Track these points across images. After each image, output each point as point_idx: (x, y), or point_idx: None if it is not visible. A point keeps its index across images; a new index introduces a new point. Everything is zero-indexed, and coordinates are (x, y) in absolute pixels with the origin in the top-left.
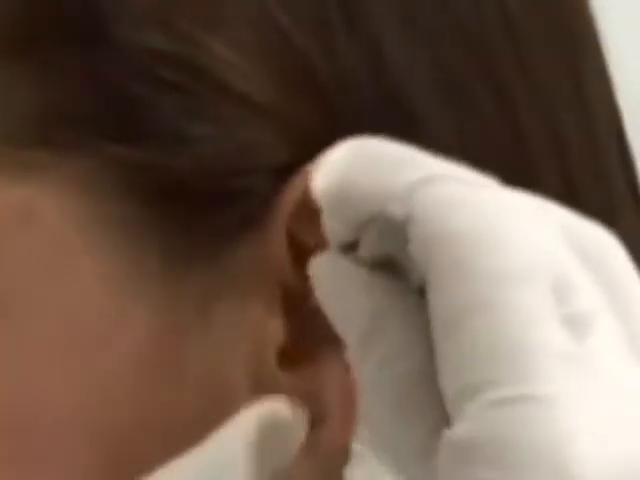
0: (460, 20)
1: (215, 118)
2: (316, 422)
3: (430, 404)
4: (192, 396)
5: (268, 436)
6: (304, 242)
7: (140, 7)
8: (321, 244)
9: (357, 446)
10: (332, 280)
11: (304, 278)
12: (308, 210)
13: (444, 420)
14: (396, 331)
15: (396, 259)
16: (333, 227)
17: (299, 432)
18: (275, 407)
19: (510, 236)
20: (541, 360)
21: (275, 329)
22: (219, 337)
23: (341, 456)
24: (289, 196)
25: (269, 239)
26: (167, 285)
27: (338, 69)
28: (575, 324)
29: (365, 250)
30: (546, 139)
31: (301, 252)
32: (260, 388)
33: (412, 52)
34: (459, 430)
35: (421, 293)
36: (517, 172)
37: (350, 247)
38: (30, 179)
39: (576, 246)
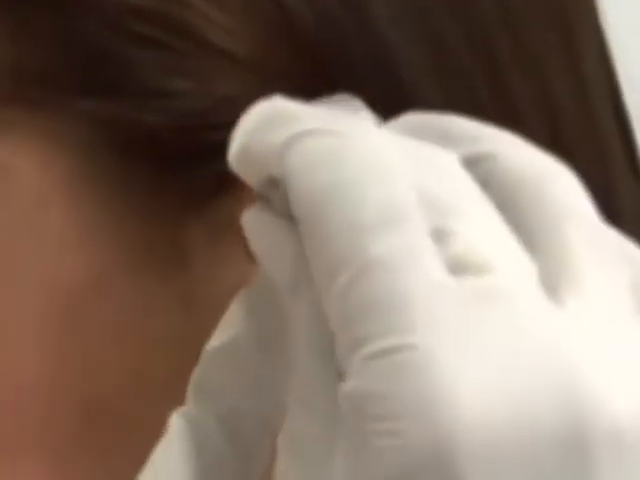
0: None
1: (193, 73)
2: None
3: None
4: (163, 356)
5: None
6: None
7: None
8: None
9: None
10: (257, 232)
11: None
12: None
13: None
14: None
15: None
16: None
17: None
18: None
19: (369, 186)
20: (416, 307)
21: None
22: (197, 294)
23: None
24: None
25: (250, 195)
26: (144, 241)
27: (325, 27)
28: (464, 265)
29: (277, 205)
30: (537, 106)
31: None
32: None
33: (400, 14)
34: (348, 384)
35: None
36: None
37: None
38: (4, 137)
39: (492, 182)
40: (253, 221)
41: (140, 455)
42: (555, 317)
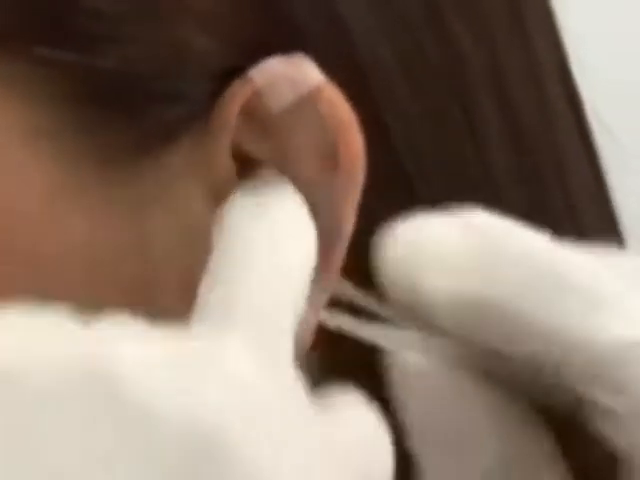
0: None
1: (149, 19)
2: None
3: None
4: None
5: None
6: (249, 152)
7: None
8: (269, 156)
9: None
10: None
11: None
12: (254, 116)
13: None
14: None
15: None
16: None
17: None
18: None
19: None
20: None
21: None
22: (156, 246)
23: None
24: (230, 103)
25: (210, 146)
26: (104, 191)
27: None
28: None
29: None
30: (484, 63)
31: (246, 162)
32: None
33: None
34: None
35: None
36: (455, 96)
37: None
38: None
39: None
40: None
41: None
42: None
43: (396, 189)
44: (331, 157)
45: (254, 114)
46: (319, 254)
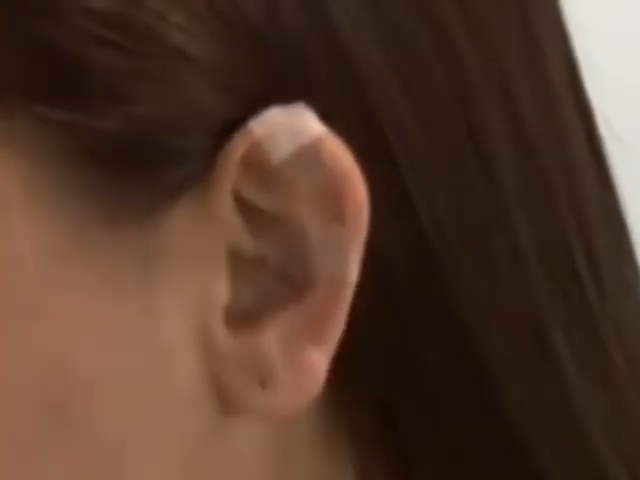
0: None
1: (153, 78)
2: (265, 387)
3: None
4: (129, 360)
5: None
6: (254, 202)
7: None
8: (273, 208)
9: None
10: None
11: (255, 236)
12: (256, 169)
13: None
14: None
15: None
16: None
17: None
18: None
19: None
20: None
21: (220, 290)
22: (160, 303)
23: (293, 422)
24: (231, 155)
25: (212, 199)
26: (107, 250)
27: (283, 32)
28: None
29: None
30: (494, 91)
31: (251, 212)
32: (205, 352)
33: (358, 15)
34: None
35: None
36: (466, 128)
37: None
38: None
39: None
40: None
41: None
42: None
43: (404, 224)
44: (336, 208)
45: (255, 165)
46: (324, 301)
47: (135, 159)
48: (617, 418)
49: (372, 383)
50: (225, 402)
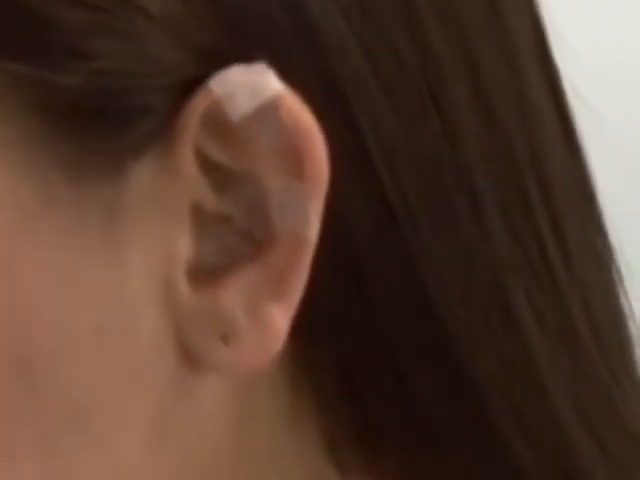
0: None
1: (115, 34)
2: (227, 342)
3: None
4: (94, 313)
5: None
6: (216, 159)
7: None
8: (235, 165)
9: None
10: None
11: (217, 193)
12: (217, 127)
13: None
14: None
15: None
16: None
17: None
18: None
19: None
20: None
21: (182, 245)
22: (124, 257)
23: (255, 378)
24: (192, 112)
25: (174, 156)
26: (72, 205)
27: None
28: None
29: None
30: (458, 59)
31: (214, 170)
32: (168, 307)
33: None
34: None
35: None
36: (429, 96)
37: None
38: None
39: None
40: None
41: None
42: None
43: (367, 188)
44: (295, 165)
45: (216, 123)
46: (285, 258)
47: (98, 115)
48: (581, 385)
49: (336, 347)
50: (189, 358)
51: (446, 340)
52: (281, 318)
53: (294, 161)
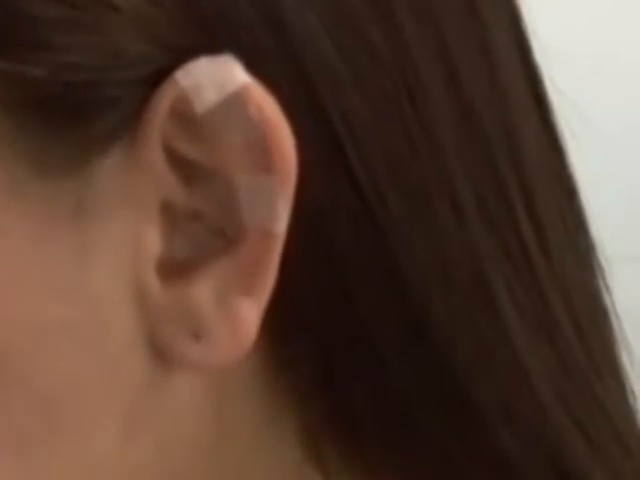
0: None
1: (80, 26)
2: (199, 339)
3: None
4: (63, 309)
5: None
6: (185, 154)
7: None
8: (202, 158)
9: None
10: None
11: (187, 188)
12: (184, 120)
13: None
14: None
15: None
16: None
17: None
18: None
19: None
20: None
21: (152, 241)
22: (93, 252)
23: (230, 374)
24: (158, 106)
25: (142, 150)
26: (40, 199)
27: None
28: None
29: None
30: (431, 52)
31: (183, 164)
32: (138, 303)
33: None
34: None
35: None
36: (405, 90)
37: None
38: None
39: None
40: None
41: None
42: None
43: (339, 180)
44: (263, 158)
45: (183, 116)
46: (255, 253)
47: (64, 107)
48: (563, 375)
49: (311, 337)
50: (161, 355)
51: (427, 330)
52: (252, 313)
53: (262, 155)
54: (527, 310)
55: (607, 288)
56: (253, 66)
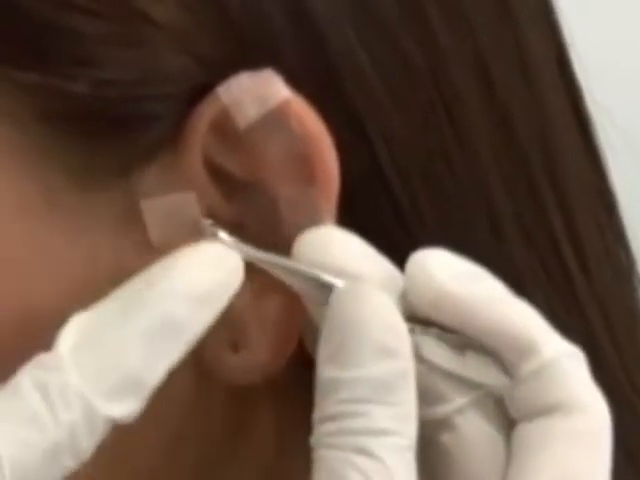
0: None
1: (120, 42)
2: (240, 348)
3: None
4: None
5: None
6: (225, 167)
7: None
8: (243, 173)
9: None
10: None
11: (228, 201)
12: (225, 134)
13: None
14: None
15: None
16: None
17: None
18: None
19: None
20: None
21: None
22: (132, 266)
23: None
24: (199, 121)
25: (183, 165)
26: (77, 211)
27: (250, 9)
28: None
29: None
30: (466, 60)
31: (224, 177)
32: None
33: (335, 6)
34: None
35: None
36: (441, 104)
37: None
38: None
39: None
40: None
41: None
42: None
43: (377, 193)
44: (305, 171)
45: (224, 131)
46: None
47: (104, 122)
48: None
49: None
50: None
51: None
52: (286, 319)
53: (304, 167)
54: (566, 326)
55: None
56: (291, 81)
